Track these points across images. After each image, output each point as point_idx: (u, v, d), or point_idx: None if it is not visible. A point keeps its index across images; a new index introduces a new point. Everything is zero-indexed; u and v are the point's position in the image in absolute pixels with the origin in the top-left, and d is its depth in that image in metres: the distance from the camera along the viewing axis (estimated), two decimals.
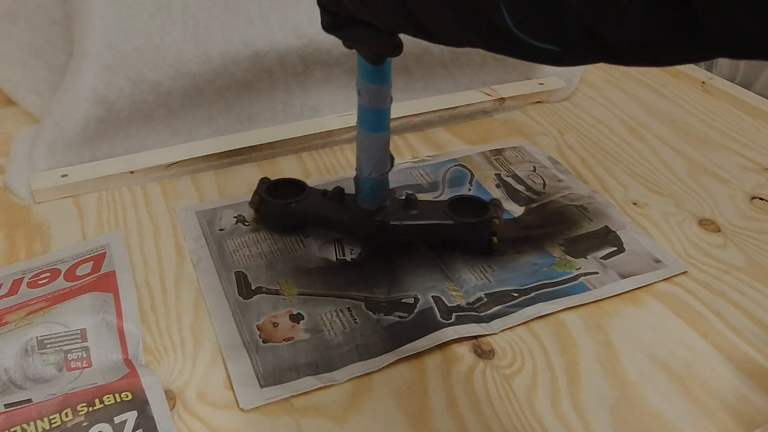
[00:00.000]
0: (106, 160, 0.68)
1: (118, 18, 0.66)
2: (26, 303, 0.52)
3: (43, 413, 0.42)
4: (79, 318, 0.49)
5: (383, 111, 0.52)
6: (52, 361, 0.46)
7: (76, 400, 0.43)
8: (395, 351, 0.49)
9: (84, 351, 0.47)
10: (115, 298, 0.52)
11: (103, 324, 0.49)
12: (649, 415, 0.46)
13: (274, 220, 0.61)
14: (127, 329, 0.50)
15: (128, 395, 0.43)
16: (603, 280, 0.57)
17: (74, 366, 0.46)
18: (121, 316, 0.50)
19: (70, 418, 0.42)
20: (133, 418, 0.42)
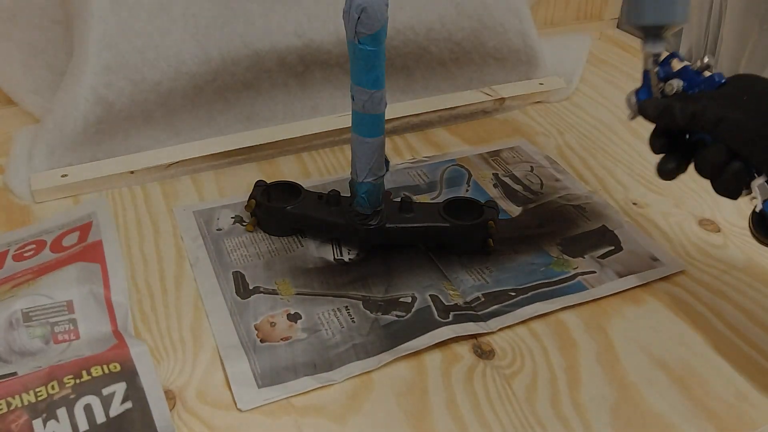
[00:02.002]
0: (106, 160, 0.68)
1: (118, 18, 0.66)
2: (12, 277, 0.51)
3: (28, 386, 0.41)
4: (65, 290, 0.47)
5: (377, 116, 0.52)
6: (38, 334, 0.45)
7: (63, 372, 0.42)
8: (393, 350, 0.49)
9: (71, 323, 0.46)
10: (102, 268, 0.51)
11: (91, 295, 0.48)
12: (649, 415, 0.46)
13: (270, 223, 0.61)
14: (115, 300, 0.48)
15: (116, 366, 0.42)
16: (600, 278, 0.57)
17: (61, 339, 0.45)
18: (108, 286, 0.49)
19: (56, 390, 0.41)
20: (122, 390, 0.41)
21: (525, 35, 0.83)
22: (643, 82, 0.50)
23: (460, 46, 0.80)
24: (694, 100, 0.46)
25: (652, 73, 0.49)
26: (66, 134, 0.67)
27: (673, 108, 0.47)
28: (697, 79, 0.48)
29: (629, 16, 0.48)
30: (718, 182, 0.46)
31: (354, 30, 0.48)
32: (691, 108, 0.46)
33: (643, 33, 0.48)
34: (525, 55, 0.85)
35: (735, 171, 0.45)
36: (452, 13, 0.79)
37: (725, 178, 0.46)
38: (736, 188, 0.46)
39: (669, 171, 0.48)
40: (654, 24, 0.47)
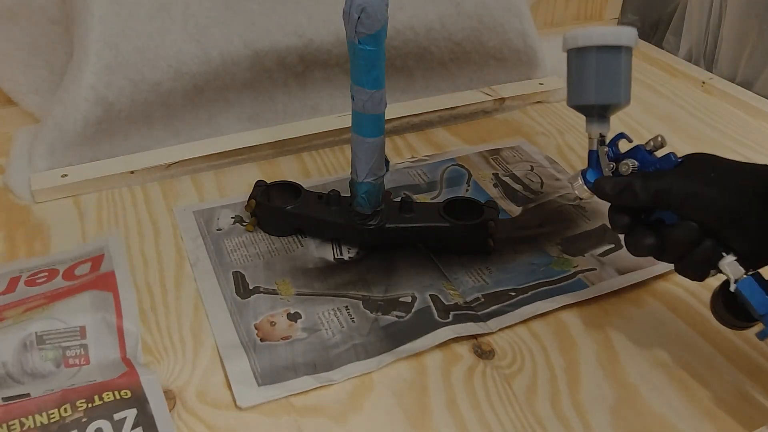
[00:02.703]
0: (106, 160, 0.69)
1: (118, 18, 0.66)
2: (24, 300, 0.52)
3: (42, 408, 0.42)
4: (79, 315, 0.49)
5: (377, 116, 0.52)
6: (50, 357, 0.46)
7: (75, 396, 0.43)
8: (393, 351, 0.49)
9: (82, 348, 0.47)
10: (114, 297, 0.52)
11: (103, 322, 0.49)
12: (649, 415, 0.46)
13: (270, 223, 0.61)
14: (126, 328, 0.50)
15: (127, 393, 0.43)
16: (601, 276, 0.57)
17: (72, 363, 0.46)
18: (120, 315, 0.50)
19: (69, 413, 0.42)
20: (132, 416, 0.42)
21: (525, 35, 0.83)
22: (589, 163, 0.48)
23: (460, 46, 0.81)
24: (656, 177, 0.44)
25: (601, 152, 0.47)
26: (66, 134, 0.67)
27: (634, 185, 0.44)
28: (650, 159, 0.46)
29: (573, 96, 0.47)
30: (686, 263, 0.44)
31: (354, 30, 0.48)
32: (654, 185, 0.44)
33: (587, 113, 0.48)
34: (525, 55, 0.85)
35: (706, 250, 0.43)
36: (452, 13, 0.79)
37: (695, 257, 0.44)
38: (705, 268, 0.44)
39: (650, 246, 0.45)
40: (598, 104, 0.46)
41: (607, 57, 0.45)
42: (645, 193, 0.44)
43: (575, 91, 0.47)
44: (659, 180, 0.44)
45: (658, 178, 0.44)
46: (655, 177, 0.44)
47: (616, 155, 0.48)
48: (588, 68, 0.46)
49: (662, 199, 0.44)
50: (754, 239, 0.43)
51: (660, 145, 0.47)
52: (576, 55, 0.47)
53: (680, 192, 0.43)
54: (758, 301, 0.42)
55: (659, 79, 0.92)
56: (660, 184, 0.44)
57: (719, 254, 0.43)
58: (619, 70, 0.46)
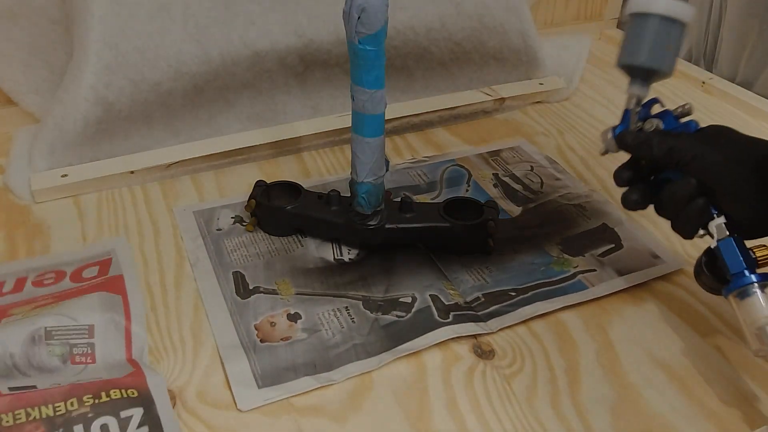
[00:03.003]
0: (106, 160, 0.69)
1: (118, 18, 0.66)
2: (33, 299, 0.52)
3: (48, 400, 0.42)
4: (88, 314, 0.48)
5: (377, 116, 0.52)
6: (57, 353, 0.46)
7: (83, 391, 0.43)
8: (393, 350, 0.49)
9: (89, 347, 0.47)
10: (123, 300, 0.52)
11: (111, 323, 0.49)
12: (649, 415, 0.46)
13: (270, 223, 0.61)
14: (134, 331, 0.50)
15: (134, 392, 0.43)
16: (601, 277, 0.57)
17: (78, 360, 0.46)
18: (129, 317, 0.50)
19: (75, 407, 0.42)
20: (139, 414, 0.42)
21: (525, 35, 0.83)
22: (621, 120, 0.51)
23: (460, 46, 0.80)
24: (673, 137, 0.48)
25: (633, 112, 0.51)
26: (66, 134, 0.67)
27: (652, 140, 0.48)
28: (674, 123, 0.50)
29: (627, 54, 0.49)
30: (680, 218, 0.48)
31: (354, 30, 0.48)
32: (669, 142, 0.48)
33: (633, 74, 0.50)
34: (525, 55, 0.85)
35: (698, 207, 0.47)
36: (452, 13, 0.79)
37: (687, 213, 0.47)
38: (695, 225, 0.48)
39: (633, 202, 0.50)
40: (647, 66, 0.49)
41: (667, 26, 0.48)
42: (660, 147, 0.48)
43: (629, 50, 0.49)
44: (675, 138, 0.48)
45: (675, 137, 0.48)
46: (672, 136, 0.49)
47: (646, 115, 0.51)
48: (647, 32, 0.48)
49: (673, 155, 0.47)
50: (746, 209, 0.46)
51: (687, 112, 0.50)
52: (639, 18, 0.49)
53: (688, 150, 0.47)
54: (732, 261, 0.46)
55: None
56: (674, 142, 0.48)
57: (710, 214, 0.47)
58: (672, 42, 0.48)
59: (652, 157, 0.49)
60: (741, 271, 0.45)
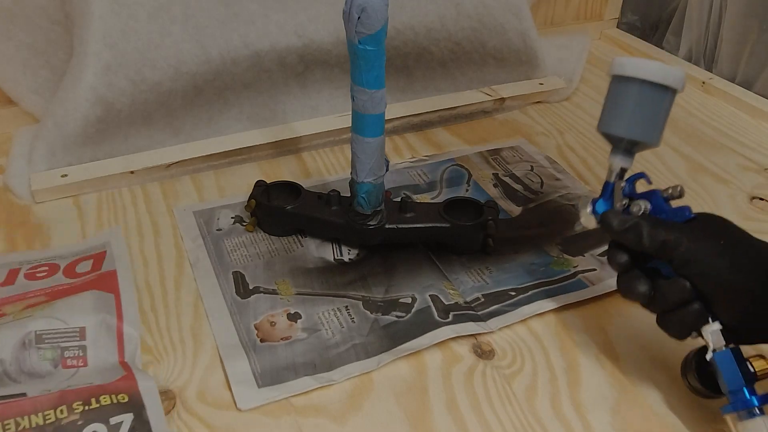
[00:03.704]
0: (106, 160, 0.69)
1: (118, 18, 0.66)
2: (24, 295, 0.52)
3: (38, 408, 0.42)
4: (79, 316, 0.48)
5: (377, 116, 0.53)
6: (48, 357, 0.46)
7: (73, 397, 0.42)
8: (393, 350, 0.49)
9: (81, 350, 0.47)
10: (116, 299, 0.52)
11: (103, 325, 0.49)
12: (649, 415, 0.46)
13: (270, 223, 0.61)
14: (126, 332, 0.49)
15: (125, 397, 0.43)
16: (601, 276, 0.57)
17: (70, 364, 0.46)
18: (121, 317, 0.50)
19: (65, 415, 0.41)
20: (129, 421, 0.42)
21: (525, 35, 0.83)
22: (602, 194, 0.47)
23: (460, 46, 0.80)
24: (666, 228, 0.43)
25: (617, 186, 0.46)
26: (66, 134, 0.67)
27: (641, 228, 0.43)
28: (664, 207, 0.45)
29: (607, 122, 0.45)
30: (672, 320, 0.44)
31: (354, 30, 0.48)
32: (662, 236, 0.42)
33: (615, 143, 0.46)
34: (525, 55, 0.85)
35: (694, 312, 0.42)
36: (452, 13, 0.79)
37: (682, 317, 0.43)
38: (688, 329, 0.43)
39: (642, 294, 0.44)
40: (629, 138, 0.44)
41: (651, 94, 0.43)
42: (651, 239, 0.42)
43: (609, 118, 0.45)
44: (668, 231, 0.42)
45: (668, 229, 0.43)
46: (664, 227, 0.43)
47: (631, 193, 0.47)
48: (628, 99, 0.44)
49: (667, 252, 0.42)
50: (744, 316, 0.42)
51: (678, 195, 0.45)
52: (619, 82, 0.44)
53: (686, 252, 0.42)
54: (730, 376, 0.41)
55: None
56: (668, 236, 0.42)
57: (705, 319, 0.43)
58: (659, 111, 0.44)
59: (641, 248, 0.43)
60: (740, 389, 0.41)
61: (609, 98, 0.45)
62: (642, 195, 0.46)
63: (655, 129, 0.44)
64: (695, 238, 0.42)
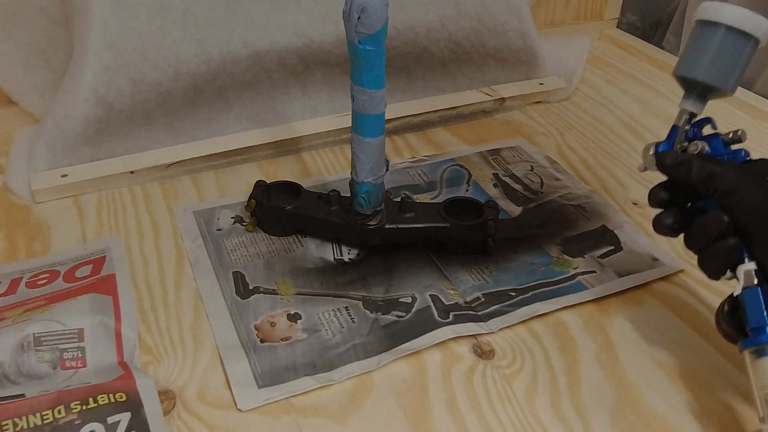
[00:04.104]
0: (106, 160, 0.69)
1: (118, 18, 0.66)
2: (24, 302, 0.52)
3: (35, 409, 0.42)
4: (77, 318, 0.49)
5: (377, 116, 0.53)
6: (46, 359, 0.46)
7: (70, 397, 0.42)
8: (393, 350, 0.49)
9: (80, 351, 0.47)
10: (114, 300, 0.52)
11: (101, 326, 0.49)
12: (649, 415, 0.46)
13: (270, 223, 0.61)
14: (124, 333, 0.50)
15: (122, 396, 0.43)
16: (600, 278, 0.57)
17: (69, 365, 0.46)
18: (119, 319, 0.50)
19: (62, 415, 0.41)
20: (126, 420, 0.42)
21: (525, 35, 0.83)
22: (667, 137, 0.48)
23: (460, 46, 0.80)
24: (715, 163, 0.44)
25: (681, 129, 0.47)
26: (66, 134, 0.67)
27: (692, 163, 0.44)
28: (722, 150, 0.46)
29: (686, 66, 0.46)
30: (707, 255, 0.44)
31: (354, 30, 0.48)
32: (709, 168, 0.43)
33: (689, 87, 0.46)
34: (525, 55, 0.85)
35: (729, 247, 0.42)
36: (452, 13, 0.79)
37: (716, 251, 0.43)
38: (722, 265, 0.43)
39: (667, 227, 0.46)
40: (705, 82, 0.45)
41: (735, 40, 0.43)
42: (699, 172, 0.43)
43: (689, 61, 0.45)
44: (717, 165, 0.44)
45: (717, 163, 0.44)
46: (714, 162, 0.44)
47: (694, 136, 0.47)
48: (711, 44, 0.44)
49: (712, 183, 0.43)
50: None
51: (738, 139, 0.46)
52: (704, 27, 0.44)
53: (728, 181, 0.42)
54: (754, 313, 0.41)
55: (659, 79, 0.92)
56: (715, 169, 0.43)
57: (741, 257, 0.42)
58: (740, 58, 0.44)
59: (689, 181, 0.44)
60: (762, 326, 0.41)
61: (690, 42, 0.45)
62: (704, 138, 0.47)
63: (732, 76, 0.45)
64: (743, 173, 0.43)
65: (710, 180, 0.43)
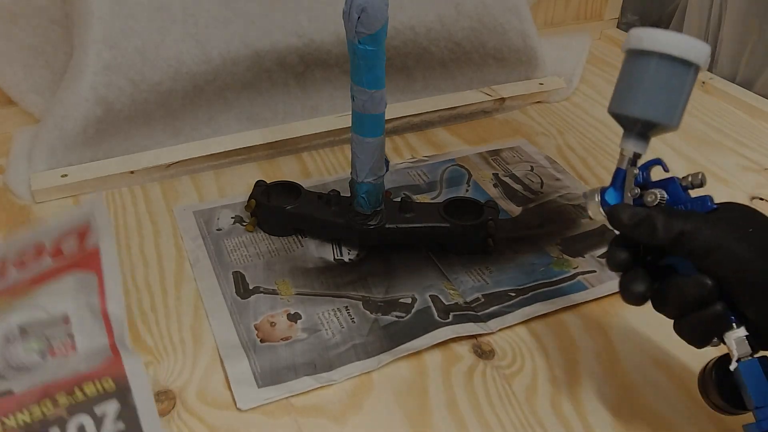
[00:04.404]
0: (106, 160, 0.68)
1: (118, 18, 0.66)
2: (12, 287, 0.51)
3: (23, 405, 0.41)
4: (60, 302, 0.47)
5: (377, 116, 0.53)
6: (34, 348, 0.45)
7: (56, 389, 0.42)
8: (393, 351, 0.49)
9: (68, 336, 0.46)
10: (98, 278, 0.50)
11: (87, 307, 0.48)
12: (649, 415, 0.46)
13: (270, 223, 0.61)
14: (111, 311, 0.48)
15: (109, 382, 0.42)
16: (601, 278, 0.57)
17: (58, 352, 0.45)
18: (104, 296, 0.49)
19: (50, 410, 0.41)
20: (114, 409, 0.42)
21: (525, 35, 0.83)
22: (612, 182, 0.42)
23: (460, 46, 0.80)
24: (683, 217, 0.38)
25: (629, 174, 0.41)
26: (66, 134, 0.67)
27: (655, 220, 0.38)
28: (682, 196, 0.40)
29: (619, 102, 0.41)
30: (687, 322, 0.39)
31: (354, 30, 0.48)
32: (678, 225, 0.37)
33: (627, 125, 0.41)
34: (525, 55, 0.85)
35: (715, 314, 0.37)
36: (452, 13, 0.79)
37: (700, 319, 0.38)
38: (707, 335, 0.39)
39: (640, 295, 0.39)
40: (644, 119, 0.40)
41: (669, 69, 0.39)
42: (666, 231, 0.37)
43: (622, 97, 0.40)
44: (686, 220, 0.37)
45: (685, 218, 0.38)
46: (681, 216, 0.38)
47: (645, 181, 0.42)
48: (644, 75, 0.39)
49: (684, 243, 0.37)
50: None
51: (699, 184, 0.40)
52: (635, 57, 0.40)
53: (707, 240, 0.37)
54: (757, 390, 0.37)
55: None
56: (686, 226, 0.37)
57: (729, 324, 0.37)
58: (679, 88, 0.39)
59: (655, 242, 0.38)
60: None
61: (622, 75, 0.41)
62: (657, 183, 0.41)
63: (673, 109, 0.39)
64: (717, 226, 0.37)
65: (681, 240, 0.37)
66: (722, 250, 0.36)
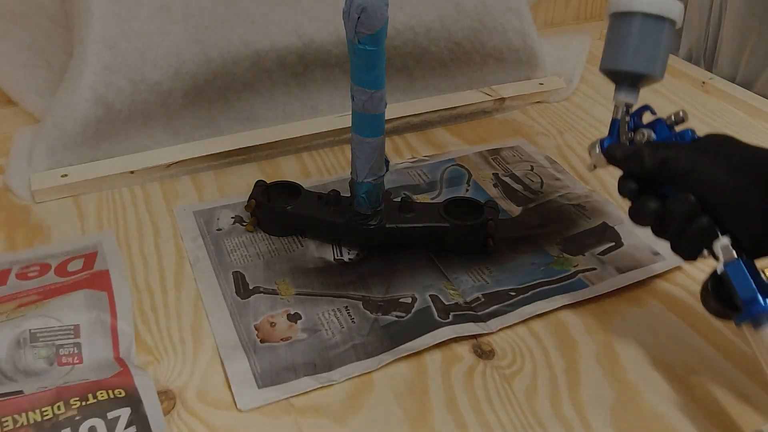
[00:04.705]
0: (106, 160, 0.69)
1: (118, 18, 0.66)
2: (16, 295, 0.52)
3: (35, 405, 0.42)
4: (73, 314, 0.48)
5: (377, 116, 0.53)
6: (43, 355, 0.46)
7: (69, 393, 0.42)
8: (393, 351, 0.49)
9: (76, 347, 0.47)
10: (109, 296, 0.52)
11: (98, 322, 0.49)
12: (649, 415, 0.46)
13: (270, 223, 0.61)
14: (120, 329, 0.49)
15: (122, 392, 0.43)
16: (601, 275, 0.57)
17: (65, 361, 0.46)
18: (115, 315, 0.50)
19: (62, 411, 0.41)
20: (126, 415, 0.42)
21: (525, 35, 0.83)
22: (609, 132, 0.48)
23: (460, 46, 0.81)
24: (665, 147, 0.44)
25: (622, 122, 0.48)
26: (66, 134, 0.67)
27: (642, 152, 0.44)
28: (668, 133, 0.47)
29: (608, 59, 0.47)
30: (681, 238, 0.44)
31: (354, 30, 0.48)
32: (661, 154, 0.44)
33: (618, 80, 0.47)
34: (525, 55, 0.85)
35: (701, 226, 0.42)
36: (452, 13, 0.79)
37: (689, 233, 0.43)
38: (697, 246, 0.43)
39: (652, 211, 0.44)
40: (632, 71, 0.46)
41: (651, 26, 0.45)
42: (651, 160, 0.44)
43: (611, 54, 0.47)
44: (667, 150, 0.44)
45: (667, 148, 0.44)
46: (664, 147, 0.44)
47: (636, 125, 0.48)
48: (630, 33, 0.45)
49: (667, 168, 0.43)
50: (755, 227, 0.42)
51: (681, 120, 0.47)
52: (619, 18, 0.46)
53: (684, 163, 0.43)
54: (742, 286, 0.41)
55: None
56: (667, 153, 0.43)
57: (714, 233, 0.43)
58: (659, 42, 0.45)
59: (644, 171, 0.44)
60: (753, 297, 0.41)
61: (610, 35, 0.47)
62: (647, 125, 0.47)
63: (657, 61, 0.46)
64: (695, 152, 0.43)
65: (665, 165, 0.43)
66: (697, 171, 0.42)
